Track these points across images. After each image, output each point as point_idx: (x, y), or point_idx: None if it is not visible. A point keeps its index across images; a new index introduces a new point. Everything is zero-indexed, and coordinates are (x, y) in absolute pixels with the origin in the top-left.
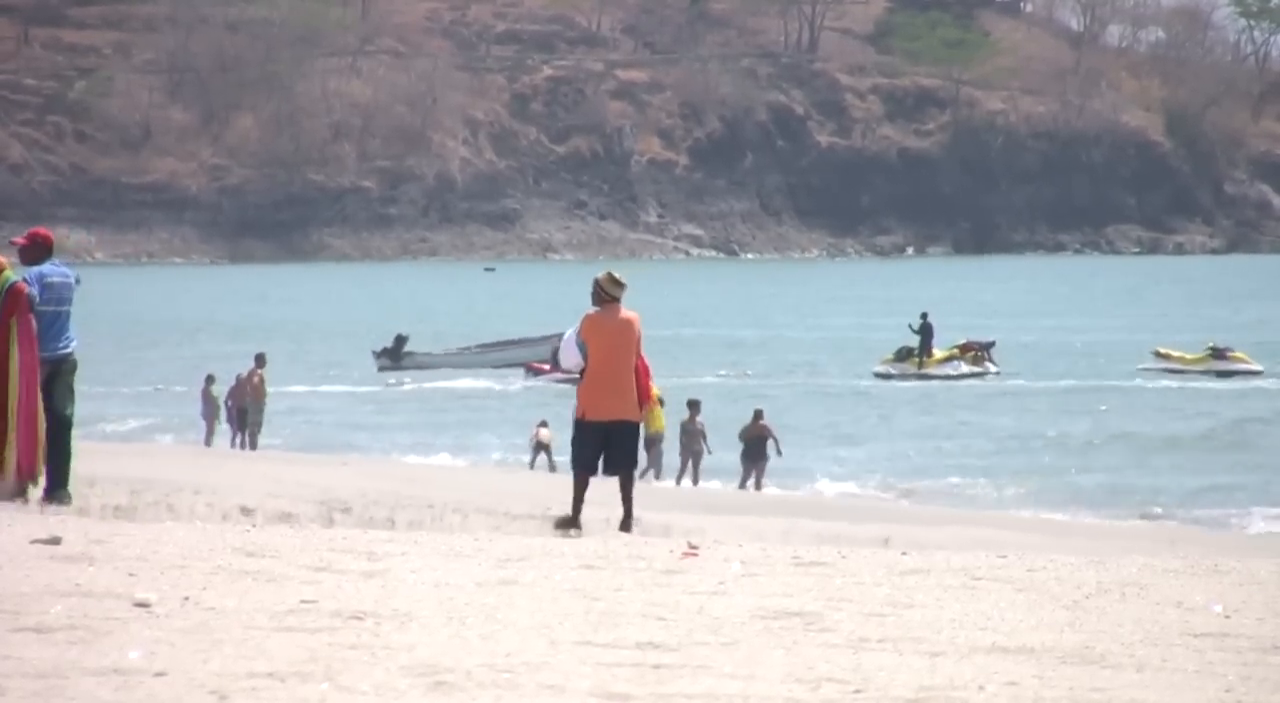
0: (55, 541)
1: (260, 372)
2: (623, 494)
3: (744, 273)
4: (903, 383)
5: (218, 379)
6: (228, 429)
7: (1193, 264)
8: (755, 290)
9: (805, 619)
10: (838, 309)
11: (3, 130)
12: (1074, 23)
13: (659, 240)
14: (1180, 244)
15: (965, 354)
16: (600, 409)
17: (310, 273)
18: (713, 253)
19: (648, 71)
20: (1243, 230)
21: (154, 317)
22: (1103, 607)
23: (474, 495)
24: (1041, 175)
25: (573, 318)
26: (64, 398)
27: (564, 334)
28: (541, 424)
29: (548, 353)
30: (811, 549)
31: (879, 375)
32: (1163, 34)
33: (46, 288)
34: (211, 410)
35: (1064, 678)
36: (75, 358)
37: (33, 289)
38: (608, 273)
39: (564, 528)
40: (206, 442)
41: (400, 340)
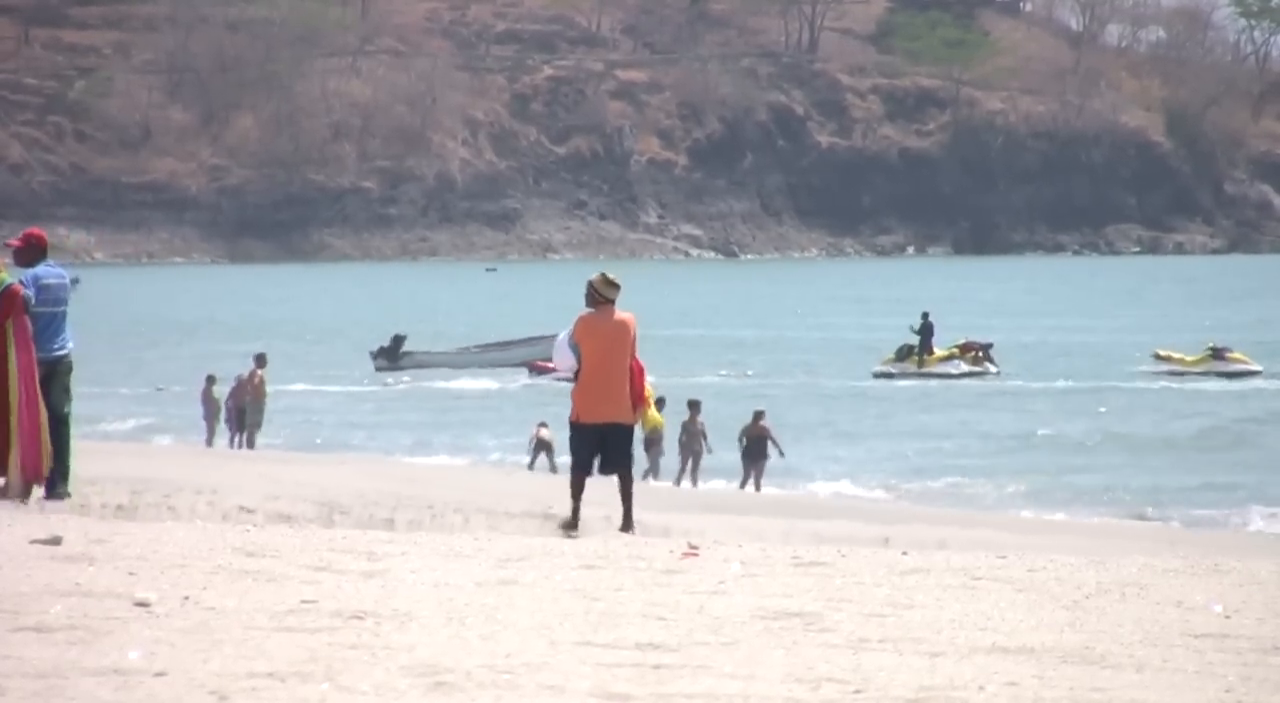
0: (55, 540)
1: (260, 372)
2: (622, 495)
3: (744, 273)
4: (903, 382)
5: (218, 380)
6: (226, 430)
7: (1193, 264)
8: (755, 290)
9: (805, 619)
10: (838, 309)
11: (3, 130)
12: (1074, 22)
13: (659, 241)
14: (1180, 244)
15: (965, 354)
16: (594, 412)
17: (310, 273)
18: (712, 253)
19: (647, 72)
20: (1243, 230)
21: (154, 317)
22: (1103, 607)
23: (474, 496)
24: (1041, 175)
25: (572, 318)
26: (60, 398)
27: (557, 336)
28: (541, 425)
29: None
30: (811, 549)
31: (879, 375)
32: (1163, 34)
33: (43, 289)
34: (212, 411)
35: (1064, 678)
36: (71, 359)
37: (28, 291)
38: (601, 274)
39: (567, 529)
40: (207, 442)
41: (398, 340)
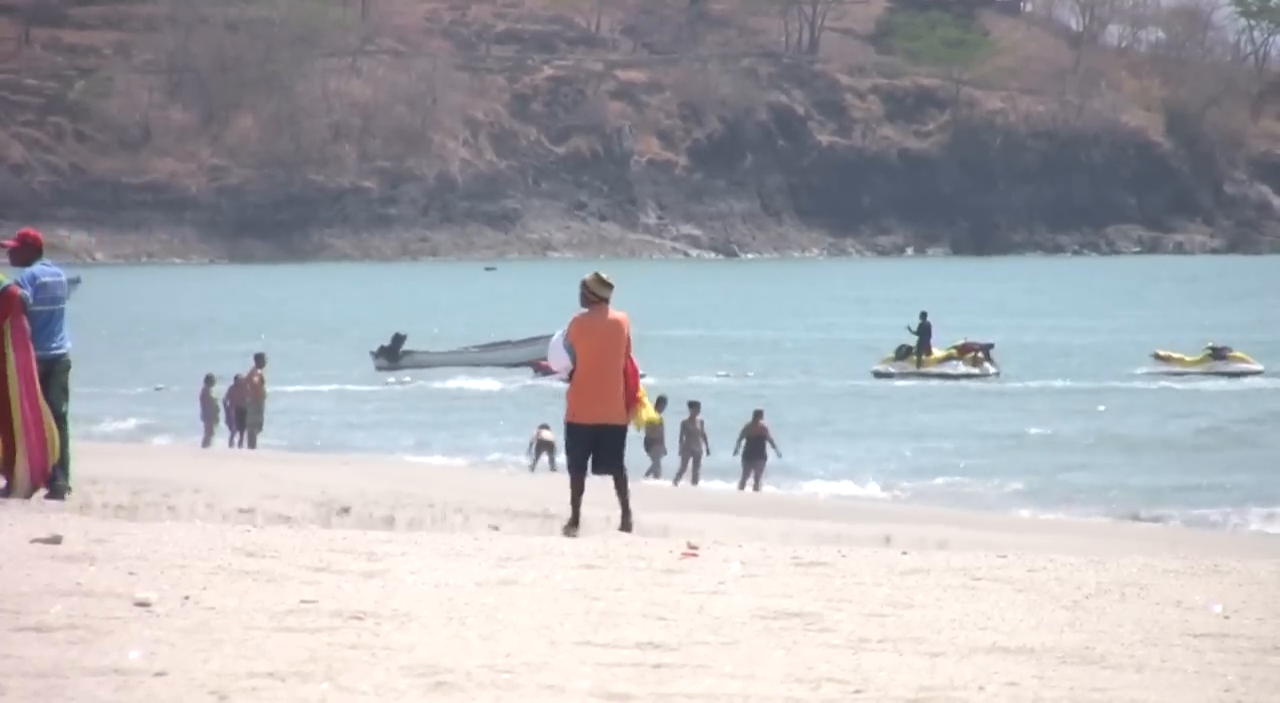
0: (56, 540)
1: (260, 372)
2: (618, 495)
3: (744, 273)
4: (901, 382)
5: (217, 380)
6: (226, 430)
7: (1193, 264)
8: (755, 290)
9: (805, 619)
10: (837, 309)
11: (3, 130)
12: (1074, 22)
13: (658, 241)
14: (1180, 244)
15: (964, 355)
16: (588, 412)
17: (310, 273)
18: (712, 253)
19: (647, 72)
20: (1243, 230)
21: (154, 317)
22: (1103, 607)
23: (474, 496)
24: (1041, 175)
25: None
26: (58, 397)
27: (551, 336)
28: (542, 427)
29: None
30: (811, 549)
31: (878, 375)
32: (1163, 34)
33: (40, 288)
34: (210, 412)
35: (1064, 678)
36: (69, 358)
37: (25, 292)
38: (594, 274)
39: (569, 530)
40: (205, 443)
41: (398, 340)
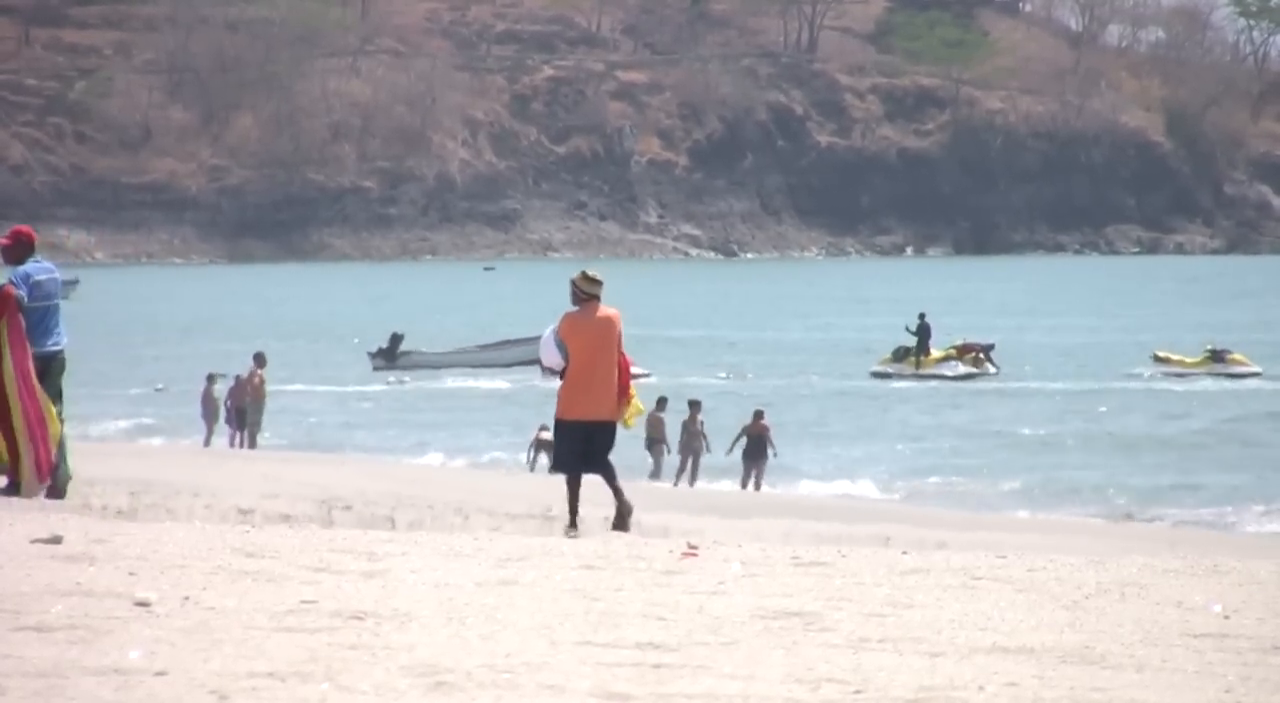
0: (56, 540)
1: (260, 372)
2: (612, 491)
3: (743, 273)
4: (900, 383)
5: (218, 380)
6: (227, 429)
7: (1193, 264)
8: (755, 290)
9: (805, 619)
10: (836, 309)
11: (3, 130)
12: (1073, 23)
13: (658, 241)
14: (1180, 244)
15: (964, 356)
16: (579, 409)
17: (310, 273)
18: (712, 253)
19: (648, 72)
20: (1242, 231)
21: (153, 317)
22: (1103, 607)
23: (474, 496)
24: (1041, 175)
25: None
26: (52, 395)
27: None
28: (543, 428)
29: None
30: (811, 549)
31: (876, 375)
32: (1162, 34)
33: (34, 287)
34: (211, 411)
35: (1064, 678)
36: (65, 356)
37: (20, 291)
38: (582, 272)
39: (570, 532)
40: (205, 442)
41: (396, 340)
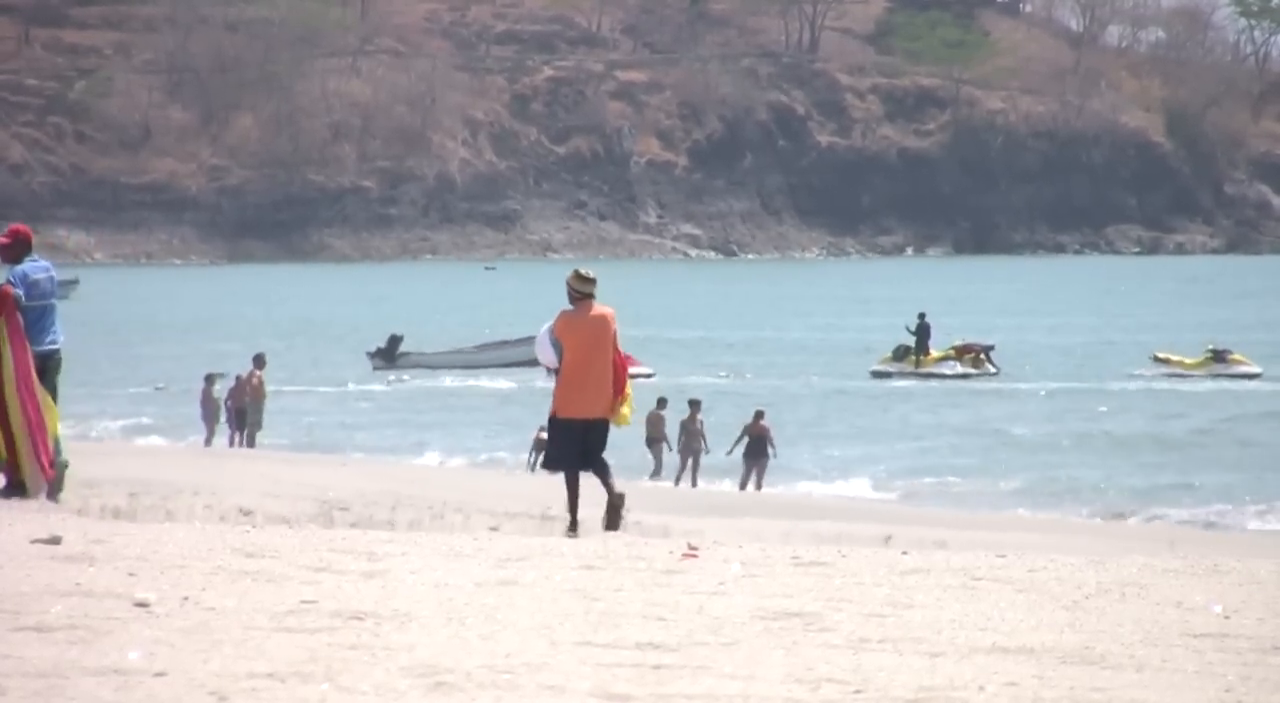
0: (55, 540)
1: (259, 373)
2: (604, 486)
3: (743, 273)
4: (900, 382)
5: (218, 380)
6: (226, 429)
7: (1193, 264)
8: (754, 290)
9: (805, 619)
10: (836, 309)
11: (3, 131)
12: (1074, 23)
13: (658, 241)
14: (1180, 244)
15: (964, 356)
16: (574, 407)
17: (310, 273)
18: (712, 253)
19: (647, 72)
20: (1243, 230)
21: (153, 317)
22: (1103, 607)
23: (474, 496)
24: (1041, 175)
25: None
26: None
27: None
28: (542, 429)
29: None
30: (811, 549)
31: (876, 375)
32: (1163, 34)
33: (32, 286)
34: (211, 412)
35: (1064, 678)
36: (61, 355)
37: (18, 290)
38: (574, 271)
39: (571, 533)
40: (206, 442)
41: (395, 340)
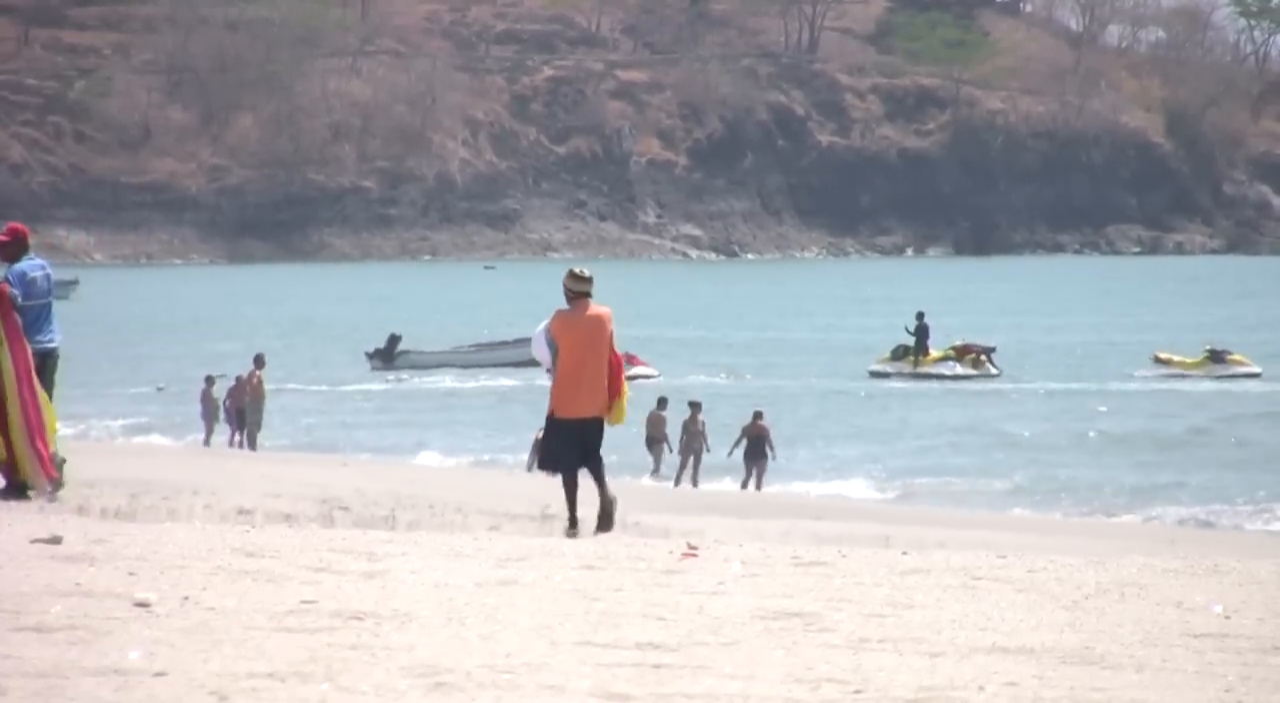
0: (55, 540)
1: (259, 373)
2: (598, 486)
3: (743, 273)
4: (898, 383)
5: (216, 380)
6: (226, 429)
7: (1193, 264)
8: (754, 290)
9: (805, 619)
10: (836, 309)
11: (3, 131)
12: (1074, 23)
13: (658, 241)
14: (1180, 244)
15: (964, 357)
16: (571, 407)
17: (310, 273)
18: (712, 253)
19: (647, 72)
20: (1242, 230)
21: (153, 317)
22: (1103, 607)
23: (474, 496)
24: (1041, 175)
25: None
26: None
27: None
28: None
29: None
30: (811, 549)
31: (875, 375)
32: (1163, 34)
33: (29, 284)
34: (211, 411)
35: (1064, 678)
36: (58, 353)
37: (14, 290)
38: (569, 271)
39: (571, 533)
40: (205, 442)
41: (393, 340)
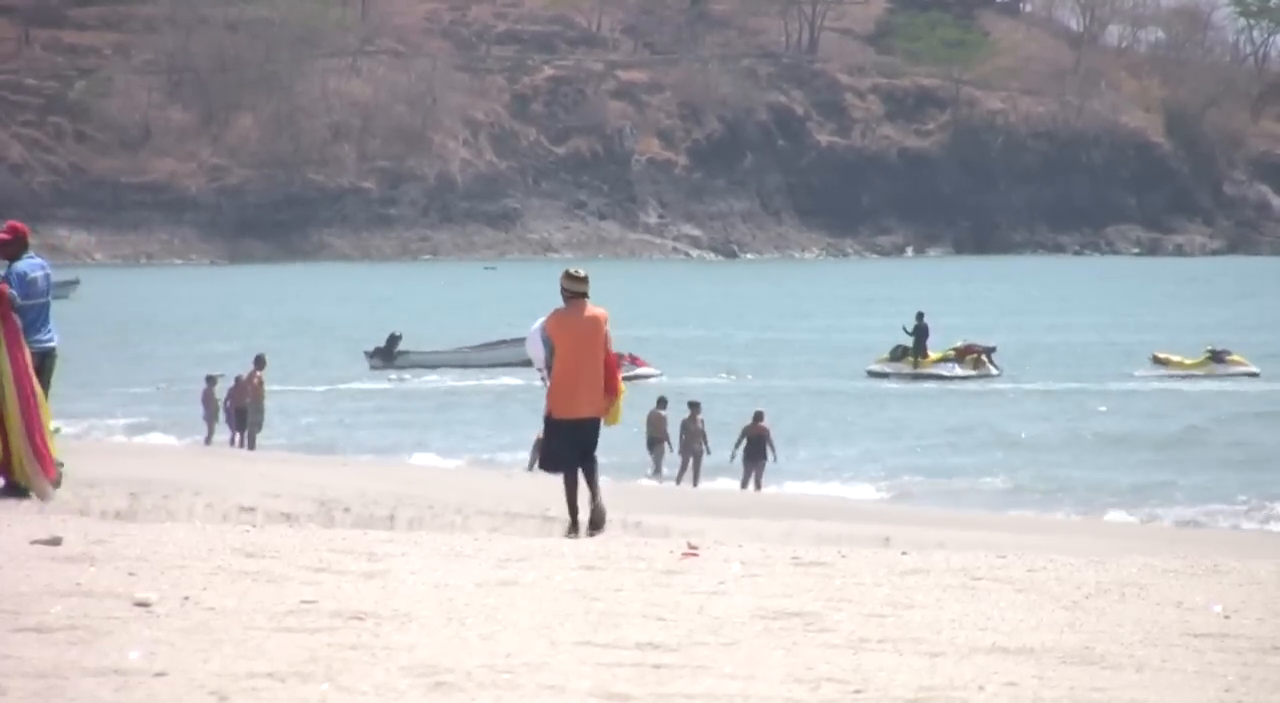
0: (55, 541)
1: (260, 373)
2: (590, 490)
3: (743, 273)
4: (897, 383)
5: (217, 381)
6: (227, 429)
7: (1192, 265)
8: (754, 290)
9: (805, 619)
10: (836, 309)
11: (3, 131)
12: (1074, 23)
13: (659, 241)
14: (1180, 245)
15: (964, 357)
16: (568, 407)
17: (310, 273)
18: (712, 253)
19: (648, 72)
20: (1242, 231)
21: (153, 317)
22: (1103, 607)
23: (474, 496)
24: (1041, 175)
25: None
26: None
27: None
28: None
29: None
30: (811, 549)
31: (874, 375)
32: (1162, 34)
33: (29, 284)
34: (211, 411)
35: (1064, 678)
36: (57, 353)
37: (13, 290)
38: (566, 271)
39: (571, 534)
40: (206, 441)
41: (393, 340)
